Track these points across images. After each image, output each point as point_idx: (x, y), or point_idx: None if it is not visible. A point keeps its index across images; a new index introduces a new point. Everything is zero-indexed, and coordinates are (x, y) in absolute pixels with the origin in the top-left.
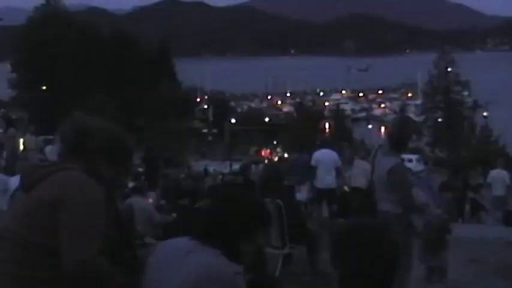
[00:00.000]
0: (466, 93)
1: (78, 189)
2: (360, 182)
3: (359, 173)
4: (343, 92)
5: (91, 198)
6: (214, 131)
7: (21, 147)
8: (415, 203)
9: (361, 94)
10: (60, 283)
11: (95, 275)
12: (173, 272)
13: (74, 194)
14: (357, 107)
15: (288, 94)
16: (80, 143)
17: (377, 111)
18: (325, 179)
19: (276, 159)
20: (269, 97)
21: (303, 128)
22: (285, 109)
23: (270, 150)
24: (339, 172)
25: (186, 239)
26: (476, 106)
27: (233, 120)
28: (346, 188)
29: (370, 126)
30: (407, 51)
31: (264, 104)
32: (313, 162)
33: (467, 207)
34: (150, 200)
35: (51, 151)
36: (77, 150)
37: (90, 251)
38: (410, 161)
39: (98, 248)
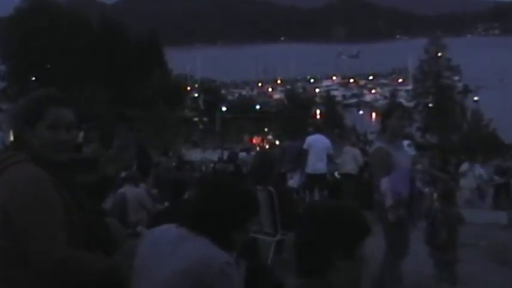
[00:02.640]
0: (456, 78)
1: (25, 190)
2: (350, 168)
3: (349, 159)
4: (334, 78)
5: (39, 194)
6: (205, 119)
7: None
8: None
9: (351, 80)
10: (35, 281)
11: (71, 270)
12: (163, 260)
13: (22, 197)
14: (348, 93)
15: (279, 81)
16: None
17: (368, 97)
18: (316, 165)
19: (267, 146)
20: (260, 84)
21: (294, 115)
22: (276, 96)
23: (261, 137)
24: (330, 159)
25: (174, 227)
26: (467, 91)
27: (224, 108)
28: (336, 174)
29: (361, 112)
30: (397, 37)
31: (255, 92)
32: (305, 146)
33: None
34: None
35: None
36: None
37: (58, 249)
38: None
39: (63, 241)
